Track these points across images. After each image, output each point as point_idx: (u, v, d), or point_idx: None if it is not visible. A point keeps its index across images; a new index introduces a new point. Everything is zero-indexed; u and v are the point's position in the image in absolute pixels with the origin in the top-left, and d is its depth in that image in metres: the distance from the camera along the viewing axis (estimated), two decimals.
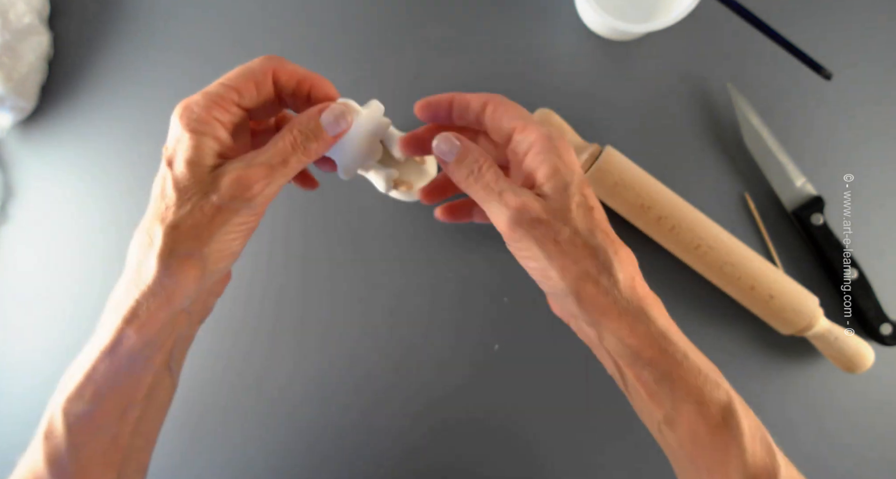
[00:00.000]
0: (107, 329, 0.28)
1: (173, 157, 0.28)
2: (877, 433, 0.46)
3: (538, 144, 0.28)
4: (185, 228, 0.27)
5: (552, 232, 0.27)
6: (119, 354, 0.27)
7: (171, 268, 0.27)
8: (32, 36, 0.49)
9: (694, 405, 0.27)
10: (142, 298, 0.27)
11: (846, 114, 0.48)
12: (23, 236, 0.52)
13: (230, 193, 0.27)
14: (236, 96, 0.29)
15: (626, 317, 0.27)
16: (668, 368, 0.27)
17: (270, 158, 0.28)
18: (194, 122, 0.27)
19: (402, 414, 0.48)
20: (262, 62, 0.30)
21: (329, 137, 0.29)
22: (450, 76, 0.49)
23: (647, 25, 0.42)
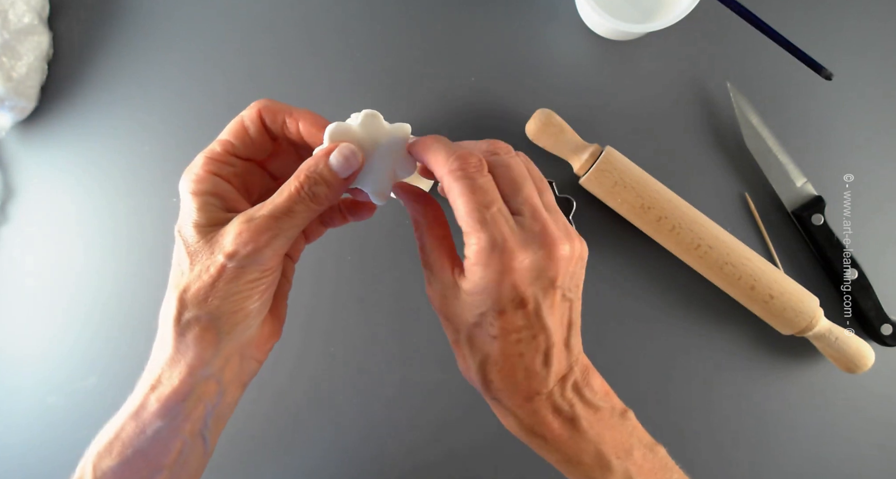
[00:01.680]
0: (136, 392, 0.28)
1: (182, 222, 0.27)
2: (877, 433, 0.46)
3: (470, 260, 0.26)
4: (193, 292, 0.26)
5: (446, 328, 0.30)
6: (143, 419, 0.27)
7: (185, 336, 0.27)
8: (32, 36, 0.49)
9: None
10: (164, 366, 0.27)
11: (846, 114, 0.48)
12: (23, 236, 0.51)
13: (232, 249, 0.26)
14: (231, 147, 0.28)
15: (498, 408, 0.30)
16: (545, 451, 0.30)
17: (274, 209, 0.26)
18: (192, 182, 0.27)
19: (402, 413, 0.48)
20: (249, 108, 0.29)
21: (340, 179, 0.27)
22: (450, 76, 0.49)
23: (647, 25, 0.42)
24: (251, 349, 0.30)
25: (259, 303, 0.28)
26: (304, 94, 0.50)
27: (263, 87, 0.50)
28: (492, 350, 0.27)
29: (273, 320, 0.31)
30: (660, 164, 0.47)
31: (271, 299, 0.29)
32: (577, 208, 0.48)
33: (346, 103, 0.49)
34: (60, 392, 0.50)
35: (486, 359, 0.27)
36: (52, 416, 0.50)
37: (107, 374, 0.50)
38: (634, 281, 0.48)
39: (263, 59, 0.51)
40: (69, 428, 0.50)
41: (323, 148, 0.28)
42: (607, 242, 0.48)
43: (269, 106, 0.29)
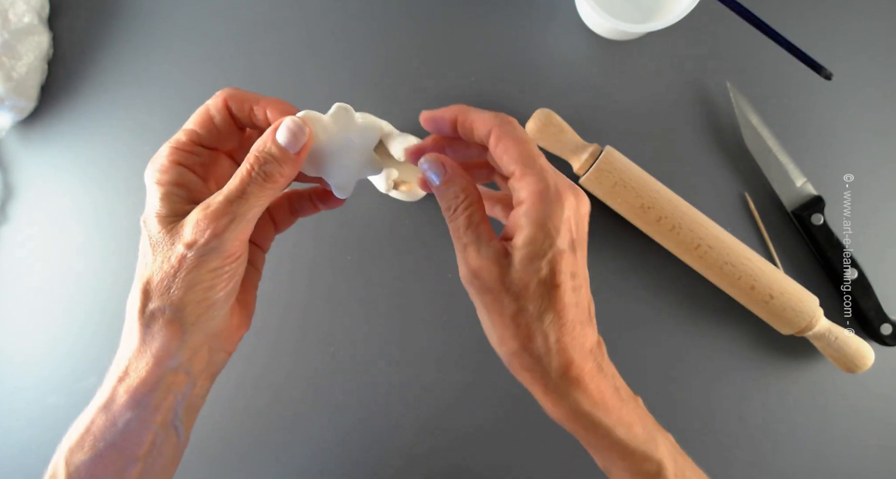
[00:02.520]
0: (105, 384, 0.28)
1: (146, 214, 0.27)
2: (877, 433, 0.46)
3: (528, 202, 0.26)
4: (156, 284, 0.26)
5: (499, 305, 0.26)
6: (112, 411, 0.27)
7: (151, 327, 0.26)
8: (32, 36, 0.49)
9: (624, 471, 0.28)
10: (131, 358, 0.27)
11: (846, 114, 0.48)
12: (23, 236, 0.52)
13: (192, 239, 0.25)
14: (196, 136, 0.28)
15: (550, 394, 0.27)
16: (594, 442, 0.28)
17: (229, 193, 0.26)
18: (158, 172, 0.27)
19: (402, 413, 0.48)
20: (215, 96, 0.28)
21: (290, 155, 0.27)
22: (450, 76, 0.49)
23: (647, 25, 0.42)
24: (219, 341, 0.29)
25: (224, 292, 0.27)
26: (304, 94, 0.50)
27: (263, 86, 0.50)
28: (554, 302, 0.26)
29: (241, 311, 0.31)
30: (660, 164, 0.47)
31: (237, 288, 0.28)
32: None
33: (346, 103, 0.49)
34: (60, 392, 0.50)
35: (545, 312, 0.26)
36: (52, 416, 0.50)
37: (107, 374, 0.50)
38: (634, 281, 0.48)
39: (263, 59, 0.51)
40: (69, 428, 0.50)
41: (271, 126, 0.27)
42: (607, 242, 0.48)
43: (234, 94, 0.28)
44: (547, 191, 0.26)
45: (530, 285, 0.26)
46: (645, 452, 0.28)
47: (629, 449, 0.27)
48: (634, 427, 0.28)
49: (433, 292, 0.49)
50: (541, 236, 0.25)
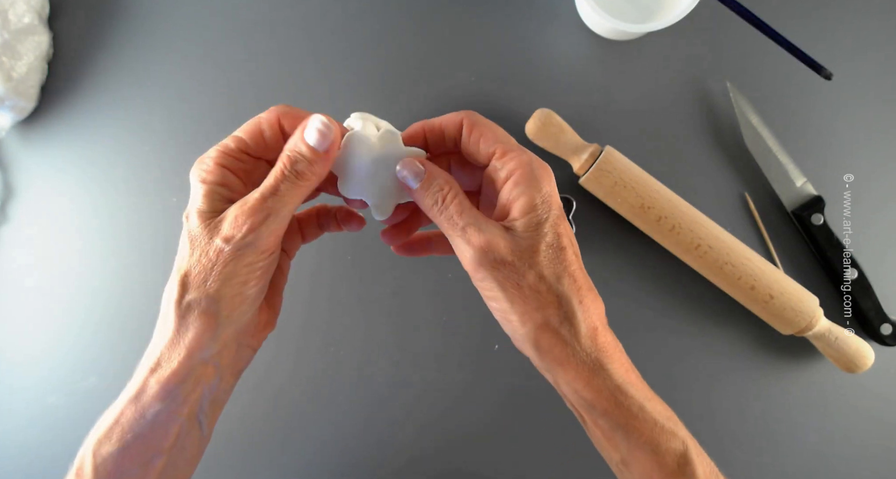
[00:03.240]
0: (136, 377, 0.28)
1: (189, 209, 0.28)
2: (877, 433, 0.46)
3: (518, 173, 0.27)
4: (194, 276, 0.27)
5: (516, 275, 0.26)
6: (142, 402, 0.28)
7: (186, 318, 0.27)
8: (32, 36, 0.49)
9: (649, 453, 0.27)
10: (164, 349, 0.28)
11: (846, 114, 0.48)
12: (23, 236, 0.51)
13: (229, 233, 0.27)
14: (244, 145, 0.29)
15: (582, 370, 0.27)
16: (623, 419, 0.27)
17: (264, 190, 0.27)
18: (203, 172, 0.28)
19: (402, 413, 0.48)
20: (269, 111, 0.29)
21: (318, 153, 0.27)
22: (450, 76, 0.49)
23: (647, 25, 0.42)
24: (247, 337, 0.30)
25: (256, 288, 0.28)
26: (304, 94, 0.50)
27: (263, 86, 0.50)
28: (566, 265, 0.27)
29: (269, 310, 0.32)
30: (660, 164, 0.47)
31: (267, 285, 0.30)
32: (577, 208, 0.48)
33: (346, 103, 0.49)
34: (60, 392, 0.50)
35: (561, 276, 0.27)
36: (52, 416, 0.50)
37: (107, 374, 0.50)
38: (634, 281, 0.48)
39: (263, 58, 0.51)
40: (69, 428, 0.50)
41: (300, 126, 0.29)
42: (607, 242, 0.48)
43: (288, 112, 0.29)
44: (532, 162, 0.27)
45: (540, 251, 0.26)
46: (672, 429, 0.28)
47: (658, 426, 0.27)
48: (657, 403, 0.28)
49: (433, 292, 0.49)
50: (539, 202, 0.27)
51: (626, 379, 0.27)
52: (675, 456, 0.27)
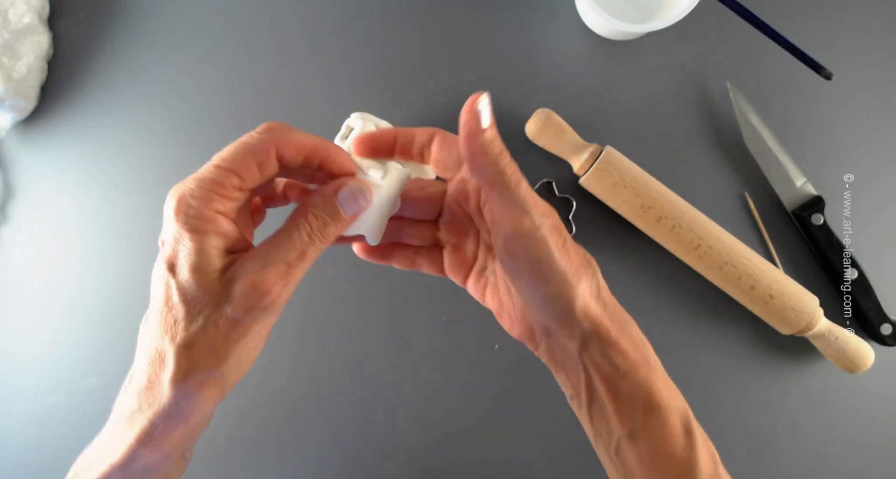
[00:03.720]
0: (119, 445, 0.25)
1: (175, 260, 0.24)
2: (877, 433, 0.46)
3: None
4: (200, 349, 0.24)
5: (562, 237, 0.26)
6: (132, 470, 0.25)
7: (188, 390, 0.24)
8: (32, 36, 0.49)
9: (662, 413, 0.27)
10: (156, 419, 0.25)
11: (846, 114, 0.48)
12: (23, 236, 0.52)
13: (246, 303, 0.23)
14: (237, 181, 0.24)
15: (615, 323, 0.27)
16: (646, 374, 0.27)
17: (287, 255, 0.24)
18: (193, 219, 0.23)
19: (402, 413, 0.48)
20: (262, 138, 0.25)
21: (347, 217, 0.26)
22: (449, 76, 0.49)
23: (647, 25, 0.42)
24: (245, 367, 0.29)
25: (260, 349, 0.26)
26: (304, 93, 0.50)
27: (263, 86, 0.50)
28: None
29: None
30: (660, 164, 0.47)
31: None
32: (577, 208, 0.48)
33: (346, 103, 0.49)
34: (60, 392, 0.50)
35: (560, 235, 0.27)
36: (52, 416, 0.50)
37: (107, 374, 0.50)
38: (634, 281, 0.48)
39: (263, 58, 0.51)
40: (69, 428, 0.50)
41: (330, 186, 0.26)
42: (607, 242, 0.48)
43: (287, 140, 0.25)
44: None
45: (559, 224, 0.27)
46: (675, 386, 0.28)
47: (669, 381, 0.28)
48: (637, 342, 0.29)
49: (433, 292, 0.49)
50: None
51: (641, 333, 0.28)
52: (680, 416, 0.27)
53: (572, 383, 0.28)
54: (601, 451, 0.29)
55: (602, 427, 0.28)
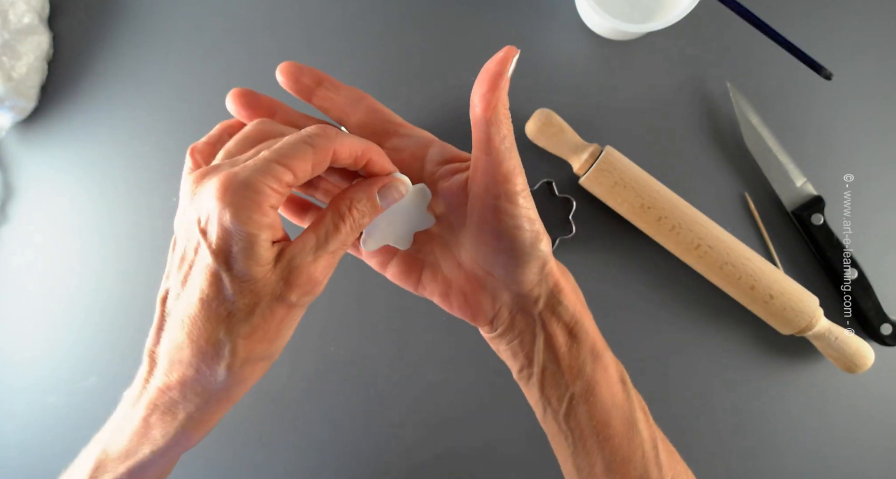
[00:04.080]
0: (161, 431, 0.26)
1: (227, 253, 0.23)
2: (877, 433, 0.46)
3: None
4: (259, 336, 0.25)
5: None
6: (175, 452, 0.27)
7: (244, 375, 0.26)
8: (32, 36, 0.49)
9: (603, 359, 0.29)
10: (206, 405, 0.26)
11: (846, 114, 0.48)
12: (23, 236, 0.52)
13: (303, 291, 0.25)
14: (291, 178, 0.24)
15: (565, 275, 0.30)
16: (588, 318, 0.29)
17: (332, 245, 0.26)
18: (248, 212, 0.23)
19: (402, 413, 0.48)
20: (321, 141, 0.25)
21: (380, 208, 0.28)
22: (450, 76, 0.49)
23: (647, 25, 0.42)
24: None
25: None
26: None
27: (263, 86, 0.50)
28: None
29: None
30: (660, 164, 0.47)
31: None
32: (577, 208, 0.48)
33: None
34: (60, 392, 0.50)
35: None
36: (52, 416, 0.50)
37: (107, 374, 0.50)
38: (634, 281, 0.48)
39: (263, 58, 0.51)
40: (69, 428, 0.50)
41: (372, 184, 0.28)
42: (607, 242, 0.48)
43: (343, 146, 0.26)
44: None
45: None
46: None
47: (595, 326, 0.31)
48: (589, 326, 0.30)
49: None
50: None
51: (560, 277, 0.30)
52: (614, 363, 0.30)
53: (525, 351, 0.29)
54: (549, 422, 0.30)
55: (552, 392, 0.29)
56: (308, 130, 0.25)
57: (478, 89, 0.25)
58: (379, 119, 0.30)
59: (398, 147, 0.30)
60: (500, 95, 0.25)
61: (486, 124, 0.25)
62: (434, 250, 0.31)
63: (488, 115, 0.25)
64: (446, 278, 0.30)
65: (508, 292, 0.29)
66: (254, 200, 0.23)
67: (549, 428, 0.30)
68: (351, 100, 0.30)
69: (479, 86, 0.25)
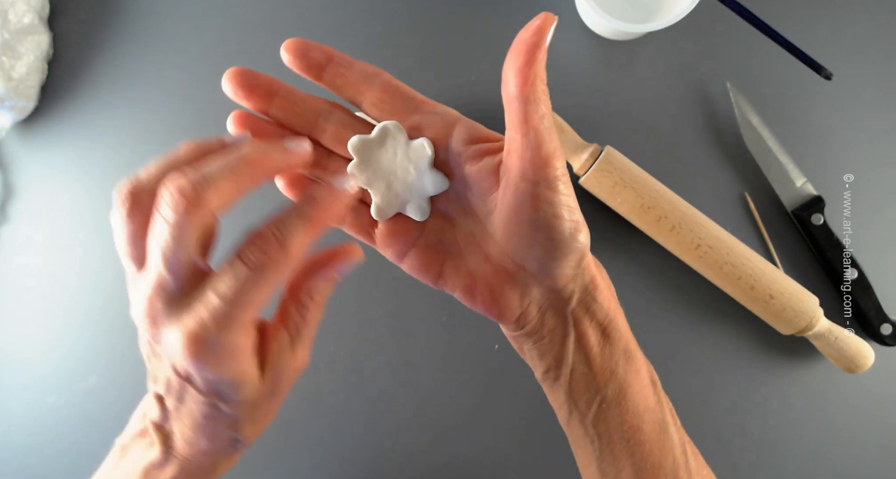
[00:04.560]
0: None
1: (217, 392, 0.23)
2: (877, 433, 0.46)
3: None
4: (265, 418, 0.28)
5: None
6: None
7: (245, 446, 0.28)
8: (32, 36, 0.49)
9: (636, 361, 0.27)
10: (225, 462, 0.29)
11: (846, 114, 0.48)
12: (23, 236, 0.52)
13: (292, 380, 0.26)
14: (257, 310, 0.22)
15: (601, 270, 0.28)
16: (622, 317, 0.28)
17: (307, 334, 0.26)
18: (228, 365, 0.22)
19: (403, 413, 0.48)
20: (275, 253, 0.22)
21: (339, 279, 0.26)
22: (450, 76, 0.49)
23: (647, 25, 0.42)
24: None
25: None
26: None
27: None
28: None
29: None
30: (660, 164, 0.47)
31: None
32: None
33: (345, 103, 0.49)
34: (60, 392, 0.50)
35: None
36: (51, 416, 0.50)
37: (107, 374, 0.50)
38: (634, 281, 0.48)
39: (263, 59, 0.50)
40: (69, 428, 0.50)
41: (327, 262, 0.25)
42: (607, 242, 0.48)
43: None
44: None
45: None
46: None
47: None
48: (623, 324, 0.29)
49: (433, 291, 0.49)
50: None
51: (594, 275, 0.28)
52: (646, 364, 0.28)
53: (553, 351, 0.27)
54: (574, 425, 0.28)
55: (581, 395, 0.27)
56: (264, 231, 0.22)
57: (512, 63, 0.22)
58: (398, 96, 0.28)
59: (420, 125, 0.27)
60: (537, 68, 0.22)
61: (522, 102, 0.22)
62: (458, 240, 0.28)
63: (526, 91, 0.22)
64: (471, 272, 0.27)
65: (540, 288, 0.26)
66: (229, 354, 0.22)
67: (572, 431, 0.29)
68: (365, 76, 0.27)
69: (513, 59, 0.22)
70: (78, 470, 0.49)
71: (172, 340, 0.21)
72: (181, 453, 0.26)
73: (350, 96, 0.28)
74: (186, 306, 0.21)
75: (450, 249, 0.28)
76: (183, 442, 0.26)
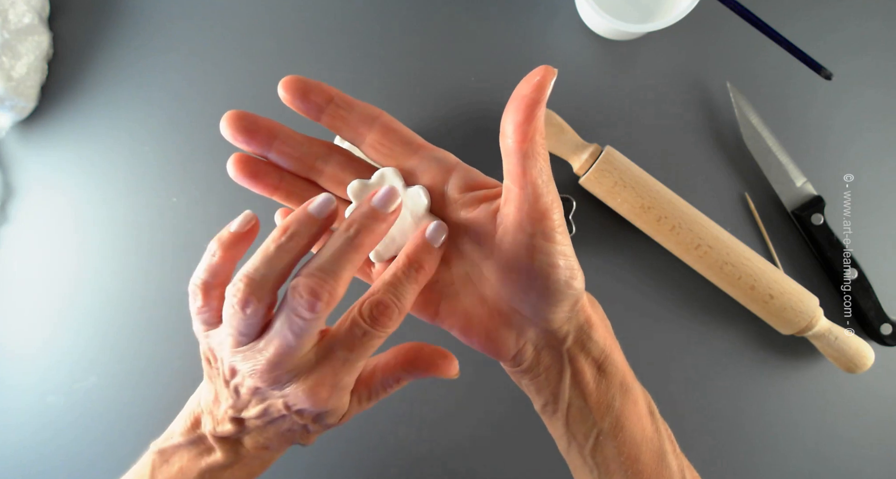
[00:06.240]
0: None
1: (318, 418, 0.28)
2: (877, 433, 0.46)
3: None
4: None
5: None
6: None
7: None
8: (32, 36, 0.49)
9: (633, 393, 0.28)
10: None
11: (847, 114, 0.48)
12: (23, 236, 0.52)
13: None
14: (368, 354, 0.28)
15: (595, 307, 0.29)
16: (618, 352, 0.29)
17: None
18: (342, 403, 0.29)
19: (403, 414, 0.48)
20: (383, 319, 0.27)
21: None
22: (450, 76, 0.49)
23: (647, 25, 0.42)
24: None
25: None
26: None
27: (263, 87, 0.50)
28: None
29: None
30: (660, 164, 0.47)
31: None
32: (577, 208, 0.48)
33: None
34: (60, 392, 0.50)
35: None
36: (51, 415, 0.50)
37: (107, 374, 0.50)
38: (634, 281, 0.48)
39: (263, 59, 0.51)
40: (69, 428, 0.50)
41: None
42: (607, 242, 0.48)
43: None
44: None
45: None
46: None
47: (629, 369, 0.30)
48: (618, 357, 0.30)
49: None
50: None
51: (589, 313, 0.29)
52: (643, 395, 0.29)
53: (550, 387, 0.28)
54: (574, 455, 0.29)
55: (578, 428, 0.28)
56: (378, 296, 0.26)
57: (511, 118, 0.22)
58: (397, 139, 0.28)
59: (416, 170, 0.27)
60: (536, 124, 0.22)
61: (521, 157, 0.23)
62: (453, 281, 0.29)
63: (524, 147, 0.23)
64: (467, 312, 0.28)
65: (535, 330, 0.27)
66: (344, 392, 0.27)
67: (572, 461, 0.29)
68: (364, 119, 0.27)
69: (512, 113, 0.22)
70: (78, 470, 0.49)
71: (299, 392, 0.26)
72: (248, 453, 0.29)
73: (350, 138, 0.28)
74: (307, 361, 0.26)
75: (446, 289, 0.29)
76: (254, 447, 0.29)
